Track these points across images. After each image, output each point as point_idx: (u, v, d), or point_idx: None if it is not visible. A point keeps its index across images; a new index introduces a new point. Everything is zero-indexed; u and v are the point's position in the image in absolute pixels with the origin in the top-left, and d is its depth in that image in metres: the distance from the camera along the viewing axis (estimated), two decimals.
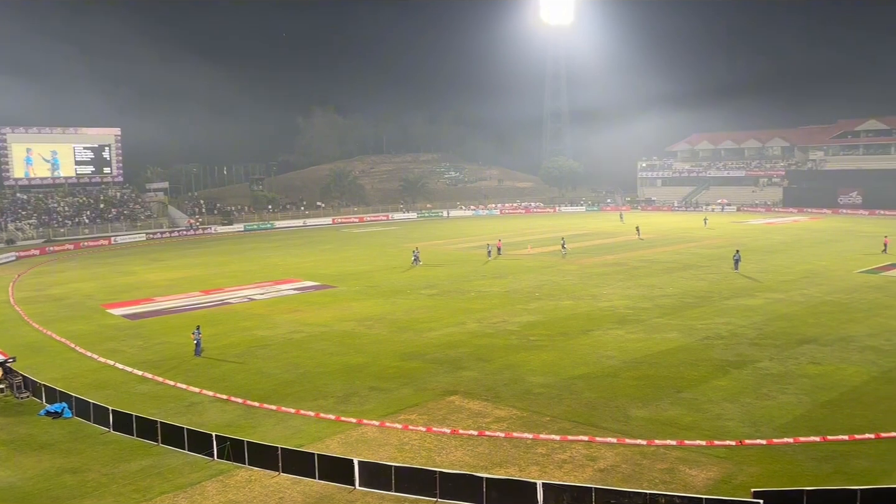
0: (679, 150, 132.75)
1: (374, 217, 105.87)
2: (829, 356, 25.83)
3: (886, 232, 62.74)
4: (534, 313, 34.40)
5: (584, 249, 60.46)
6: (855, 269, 46.19)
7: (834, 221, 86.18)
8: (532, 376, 24.39)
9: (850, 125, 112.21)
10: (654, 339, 28.94)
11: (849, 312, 33.01)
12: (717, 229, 76.81)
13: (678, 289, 40.14)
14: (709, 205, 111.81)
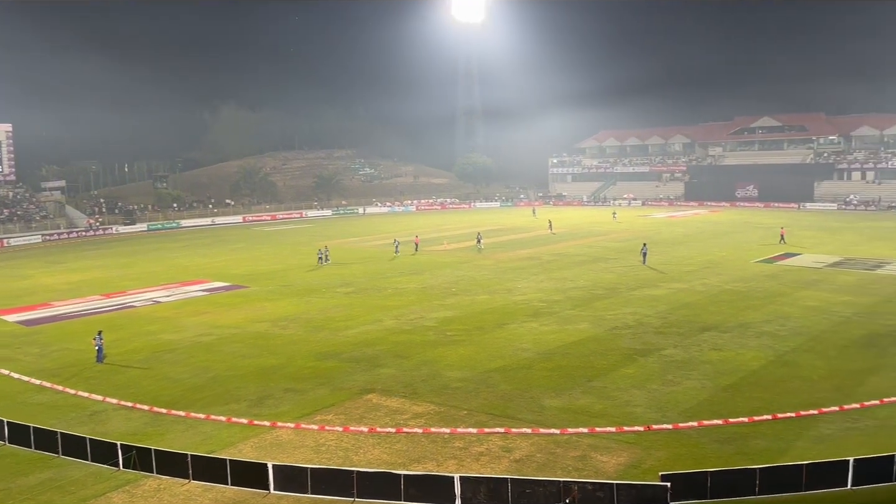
0: (587, 146, 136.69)
1: (287, 215, 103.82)
2: (729, 342, 27.24)
3: (781, 223, 66.77)
4: (450, 308, 34.62)
5: (498, 244, 61.35)
6: (751, 259, 48.91)
7: (732, 214, 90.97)
8: (449, 371, 24.54)
9: (747, 122, 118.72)
10: (567, 330, 29.70)
11: (746, 300, 34.91)
12: (624, 223, 79.56)
13: (588, 281, 41.35)
14: (616, 199, 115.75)
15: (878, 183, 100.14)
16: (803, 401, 20.63)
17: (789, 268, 44.96)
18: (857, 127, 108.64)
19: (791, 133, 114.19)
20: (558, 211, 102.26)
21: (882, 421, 19.16)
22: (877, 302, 33.75)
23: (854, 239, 59.58)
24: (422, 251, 56.99)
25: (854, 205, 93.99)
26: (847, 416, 19.53)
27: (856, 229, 67.32)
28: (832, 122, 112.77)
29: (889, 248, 52.89)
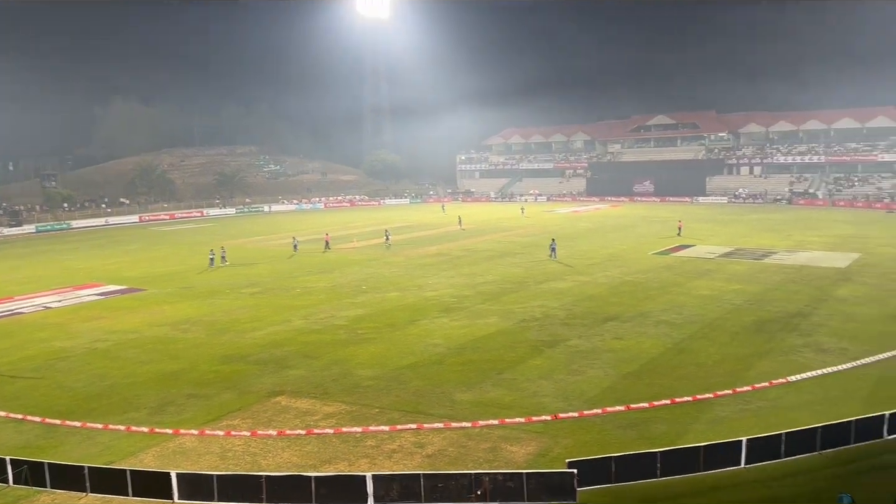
0: (494, 143, 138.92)
1: (186, 214, 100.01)
2: (630, 331, 28.36)
3: (677, 217, 70.14)
4: (361, 307, 34.36)
5: (409, 241, 61.37)
6: (649, 251, 51.11)
7: (631, 208, 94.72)
8: (361, 370, 24.35)
9: (642, 120, 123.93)
10: (477, 324, 30.08)
11: (645, 291, 36.45)
12: (531, 218, 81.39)
13: (497, 276, 42.02)
14: (523, 195, 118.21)
15: (764, 177, 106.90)
16: (699, 385, 21.74)
17: (684, 259, 47.27)
18: (745, 124, 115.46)
19: (684, 131, 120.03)
20: (467, 207, 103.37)
21: (772, 402, 20.46)
22: (765, 290, 36.00)
23: (743, 230, 63.32)
24: (332, 249, 56.27)
25: (743, 198, 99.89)
26: (740, 399, 20.73)
27: (745, 221, 71.60)
28: (722, 120, 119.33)
29: (775, 239, 56.56)
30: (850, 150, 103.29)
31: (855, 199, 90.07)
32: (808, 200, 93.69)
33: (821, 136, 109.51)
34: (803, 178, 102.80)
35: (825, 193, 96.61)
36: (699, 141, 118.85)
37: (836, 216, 75.45)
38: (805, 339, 26.63)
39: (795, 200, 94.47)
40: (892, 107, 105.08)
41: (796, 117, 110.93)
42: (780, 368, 23.19)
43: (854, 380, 22.05)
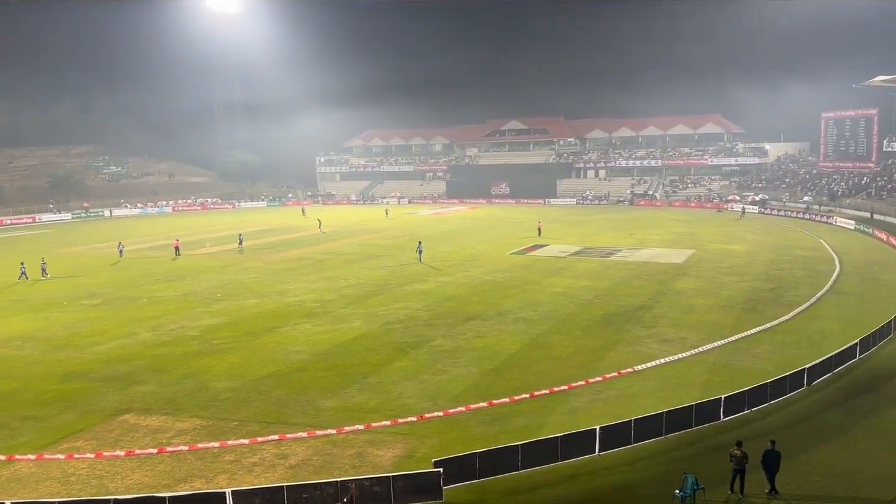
0: (354, 145, 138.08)
1: (15, 220, 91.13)
2: (491, 329, 29.14)
3: (533, 218, 72.98)
4: (217, 315, 32.84)
5: (267, 245, 59.53)
6: (507, 251, 52.87)
7: (488, 210, 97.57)
8: (217, 382, 23.24)
9: (498, 125, 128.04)
10: (341, 329, 29.67)
11: (504, 290, 37.64)
12: (393, 220, 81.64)
13: (360, 279, 41.73)
14: (384, 198, 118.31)
15: (608, 180, 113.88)
16: (555, 378, 22.72)
17: (539, 258, 49.34)
18: (590, 130, 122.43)
19: (536, 136, 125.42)
20: (328, 210, 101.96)
21: (620, 391, 21.76)
22: (612, 286, 38.32)
23: (591, 230, 67.09)
24: (182, 255, 53.38)
25: (590, 199, 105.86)
26: (592, 389, 21.87)
27: (592, 221, 75.90)
28: (570, 126, 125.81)
29: (620, 238, 60.37)
30: (683, 155, 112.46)
31: (689, 200, 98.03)
32: (648, 201, 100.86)
33: (658, 141, 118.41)
34: (643, 181, 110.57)
35: (662, 195, 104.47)
36: (550, 146, 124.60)
37: (672, 216, 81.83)
38: (649, 330, 28.60)
39: (636, 201, 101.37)
40: (718, 115, 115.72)
41: (636, 124, 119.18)
42: (628, 359, 24.74)
43: (693, 367, 23.96)
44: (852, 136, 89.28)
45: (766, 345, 26.25)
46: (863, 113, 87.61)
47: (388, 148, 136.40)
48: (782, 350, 25.53)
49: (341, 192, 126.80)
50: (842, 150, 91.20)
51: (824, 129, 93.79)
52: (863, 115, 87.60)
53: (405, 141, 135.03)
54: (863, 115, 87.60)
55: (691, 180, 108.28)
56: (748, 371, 23.14)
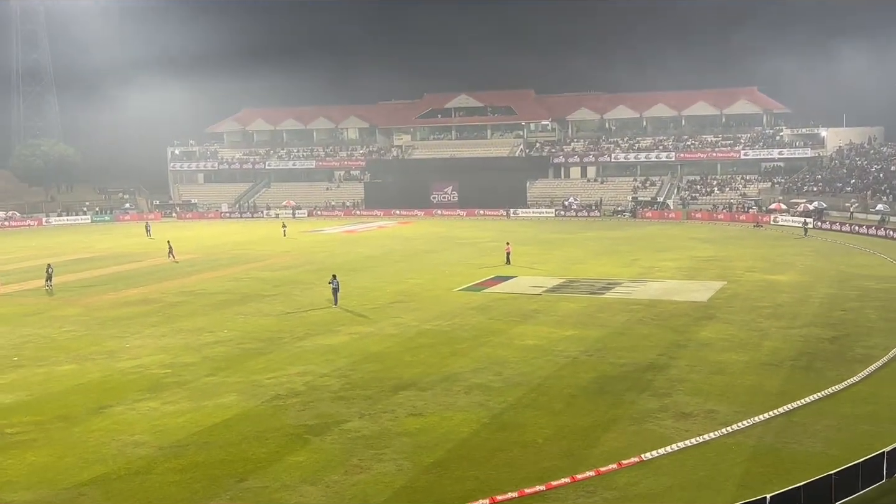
0: (226, 131, 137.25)
1: None
2: (432, 403, 28.96)
3: (491, 236, 73.44)
4: (11, 390, 31.83)
5: (91, 282, 58.29)
6: (455, 286, 52.97)
7: (428, 225, 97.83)
8: (11, 492, 22.43)
9: (440, 101, 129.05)
10: (205, 408, 29.08)
11: (451, 343, 37.56)
12: (287, 242, 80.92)
13: (236, 331, 41.12)
14: (271, 209, 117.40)
15: (601, 181, 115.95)
16: (528, 473, 22.66)
17: (502, 296, 49.52)
18: (574, 109, 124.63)
19: (496, 117, 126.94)
20: (186, 227, 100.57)
21: (622, 490, 21.84)
22: (606, 335, 38.63)
23: (577, 254, 67.84)
24: None
25: (574, 209, 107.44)
26: (581, 489, 21.88)
27: (578, 241, 76.86)
28: (544, 104, 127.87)
29: (617, 265, 61.22)
30: (706, 145, 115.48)
31: (715, 210, 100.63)
32: (658, 212, 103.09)
33: (670, 125, 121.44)
34: (650, 183, 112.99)
35: (678, 202, 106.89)
36: (516, 131, 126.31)
37: (692, 232, 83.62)
38: (661, 400, 28.83)
39: (641, 212, 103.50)
40: (754, 88, 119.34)
41: (638, 101, 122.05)
42: (632, 443, 24.82)
43: (725, 453, 24.20)
44: None
45: (829, 419, 26.75)
46: None
47: (278, 135, 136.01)
48: (851, 426, 26.03)
49: (207, 199, 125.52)
50: None
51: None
52: None
53: (303, 124, 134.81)
54: None
55: (718, 181, 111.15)
56: (804, 458, 23.45)
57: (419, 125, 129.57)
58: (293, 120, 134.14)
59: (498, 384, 31.00)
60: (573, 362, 33.94)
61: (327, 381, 31.96)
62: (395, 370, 33.25)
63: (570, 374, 32.15)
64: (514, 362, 33.96)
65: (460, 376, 32.07)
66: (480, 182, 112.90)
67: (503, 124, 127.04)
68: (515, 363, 33.82)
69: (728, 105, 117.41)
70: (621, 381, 31.15)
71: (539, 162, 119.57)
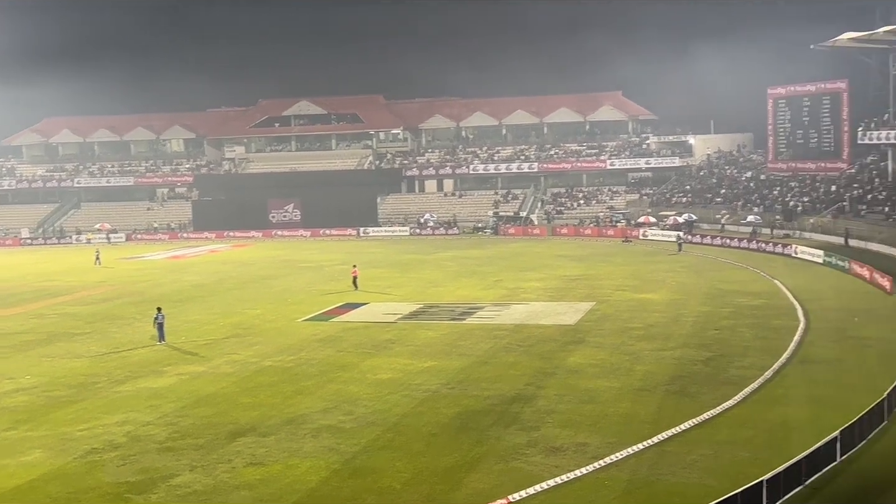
0: (25, 143, 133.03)
1: None
2: (275, 450, 28.58)
3: (342, 260, 73.15)
4: None
5: None
6: (299, 315, 52.56)
7: (267, 248, 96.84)
8: None
9: (278, 108, 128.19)
10: (6, 467, 27.90)
11: (296, 381, 37.20)
12: (102, 271, 78.70)
13: (42, 377, 39.72)
14: (82, 234, 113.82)
15: (458, 195, 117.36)
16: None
17: (352, 325, 49.44)
18: (427, 116, 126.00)
19: (341, 125, 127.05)
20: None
21: None
22: (469, 365, 39.00)
23: (434, 276, 68.37)
24: None
25: (431, 227, 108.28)
26: None
27: (435, 262, 77.47)
28: (395, 110, 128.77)
29: (479, 287, 62.02)
30: (571, 154, 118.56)
31: (582, 224, 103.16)
32: (521, 228, 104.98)
33: (532, 133, 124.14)
34: (512, 196, 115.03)
35: (542, 217, 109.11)
36: (364, 141, 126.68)
37: (558, 249, 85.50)
38: (529, 434, 29.28)
39: (503, 229, 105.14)
40: (619, 93, 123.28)
41: (497, 106, 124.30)
42: (498, 483, 25.09)
43: (599, 490, 24.73)
44: (813, 124, 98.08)
45: (705, 447, 27.70)
46: (826, 87, 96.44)
47: (88, 147, 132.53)
48: (728, 454, 27.01)
49: (3, 223, 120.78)
50: (799, 145, 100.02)
51: (773, 113, 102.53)
52: (826, 91, 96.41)
53: (118, 135, 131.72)
54: (826, 91, 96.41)
55: (584, 194, 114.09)
56: (680, 490, 24.23)
57: (254, 135, 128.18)
58: (106, 130, 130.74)
59: (349, 425, 30.90)
60: (433, 397, 34.14)
61: (152, 430, 31.15)
62: (232, 414, 32.71)
63: (430, 410, 32.33)
64: (368, 399, 33.93)
65: (307, 418, 31.83)
66: (326, 198, 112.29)
67: (349, 133, 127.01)
68: (369, 400, 33.79)
69: (592, 111, 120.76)
70: (486, 416, 31.49)
71: (390, 175, 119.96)
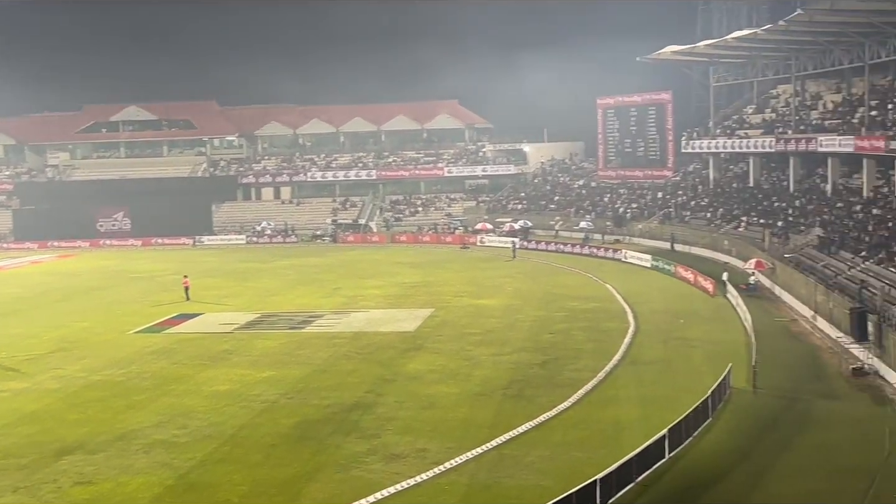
0: None
1: None
2: (104, 467, 27.78)
3: (176, 270, 71.49)
4: None
5: None
6: (130, 327, 51.15)
7: (95, 258, 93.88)
8: None
9: (105, 114, 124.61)
10: None
11: (127, 395, 36.25)
12: None
13: None
14: None
15: (296, 203, 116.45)
16: None
17: (187, 336, 48.46)
18: (263, 123, 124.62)
19: (174, 131, 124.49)
20: None
21: None
22: (308, 374, 38.84)
23: (272, 285, 67.65)
24: None
25: (269, 235, 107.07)
26: None
27: (273, 271, 76.66)
28: (229, 116, 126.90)
29: (318, 295, 61.70)
30: (409, 161, 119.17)
31: (420, 231, 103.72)
32: (360, 235, 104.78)
33: (369, 140, 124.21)
34: (350, 204, 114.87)
35: (381, 224, 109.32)
36: (197, 148, 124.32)
37: (397, 256, 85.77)
38: (370, 442, 29.35)
39: (342, 236, 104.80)
40: (455, 101, 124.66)
41: (335, 114, 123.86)
42: (338, 492, 25.07)
43: (438, 495, 24.97)
44: (640, 133, 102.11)
45: (541, 448, 28.33)
46: (652, 98, 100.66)
47: None
48: (564, 454, 27.73)
49: None
50: (628, 153, 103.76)
51: (602, 123, 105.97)
52: (652, 102, 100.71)
53: None
54: (652, 102, 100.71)
55: (422, 201, 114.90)
56: (517, 493, 24.76)
57: (79, 141, 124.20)
58: None
59: (184, 439, 30.35)
60: (271, 407, 33.87)
61: None
62: (57, 432, 31.68)
63: (269, 421, 32.08)
64: (204, 412, 33.41)
65: (139, 433, 31.10)
66: (158, 206, 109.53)
67: (182, 140, 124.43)
68: (205, 413, 33.28)
69: (429, 119, 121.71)
70: (325, 425, 31.43)
71: (226, 182, 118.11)
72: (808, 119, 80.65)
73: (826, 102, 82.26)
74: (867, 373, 36.22)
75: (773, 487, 25.36)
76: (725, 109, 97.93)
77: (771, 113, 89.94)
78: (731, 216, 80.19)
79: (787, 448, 28.45)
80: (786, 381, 35.98)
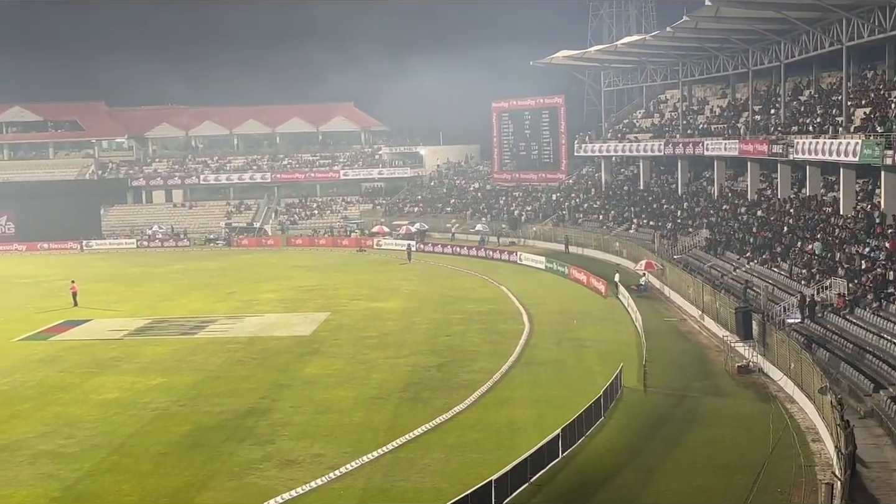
0: None
1: None
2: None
3: (63, 275, 69.73)
4: None
5: None
6: (14, 335, 49.78)
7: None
8: None
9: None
10: None
11: (10, 405, 35.33)
12: None
13: None
14: None
15: (189, 206, 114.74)
16: None
17: (74, 344, 47.37)
18: (154, 125, 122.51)
19: (60, 132, 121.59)
20: None
21: None
22: (201, 380, 38.32)
23: (164, 290, 66.50)
24: None
25: (160, 239, 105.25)
26: None
27: (165, 275, 75.36)
28: (119, 117, 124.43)
29: (211, 300, 60.86)
30: (304, 164, 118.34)
31: (316, 235, 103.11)
32: (255, 239, 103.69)
33: (264, 143, 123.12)
34: (245, 207, 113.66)
35: (276, 227, 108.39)
36: (85, 150, 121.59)
37: (293, 260, 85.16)
38: (264, 448, 29.11)
39: (237, 240, 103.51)
40: (350, 104, 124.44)
41: (228, 116, 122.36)
42: (232, 500, 24.86)
43: (334, 500, 24.94)
44: (534, 136, 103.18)
45: (437, 451, 28.45)
46: (545, 102, 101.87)
47: None
48: (460, 456, 27.90)
49: None
50: (522, 156, 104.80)
51: (497, 126, 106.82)
52: (545, 105, 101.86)
53: None
54: (545, 105, 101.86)
55: (318, 204, 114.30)
56: (413, 496, 24.87)
57: None
58: None
59: (71, 449, 29.72)
60: (162, 415, 33.37)
61: None
62: None
63: (160, 429, 31.60)
64: (91, 421, 32.77)
65: (23, 444, 30.38)
66: (43, 210, 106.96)
67: (68, 142, 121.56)
68: (93, 422, 32.65)
69: (325, 122, 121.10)
70: (219, 432, 31.07)
71: (115, 185, 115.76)
72: (695, 123, 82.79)
73: (713, 107, 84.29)
74: (752, 370, 37.40)
75: (663, 484, 25.95)
76: (617, 113, 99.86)
77: (660, 117, 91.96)
78: (622, 218, 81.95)
79: (676, 445, 29.18)
80: (675, 379, 36.87)
